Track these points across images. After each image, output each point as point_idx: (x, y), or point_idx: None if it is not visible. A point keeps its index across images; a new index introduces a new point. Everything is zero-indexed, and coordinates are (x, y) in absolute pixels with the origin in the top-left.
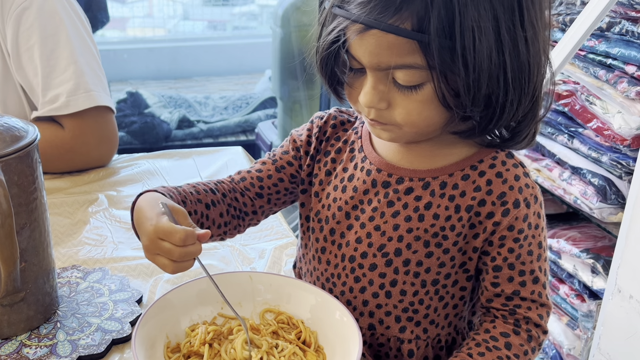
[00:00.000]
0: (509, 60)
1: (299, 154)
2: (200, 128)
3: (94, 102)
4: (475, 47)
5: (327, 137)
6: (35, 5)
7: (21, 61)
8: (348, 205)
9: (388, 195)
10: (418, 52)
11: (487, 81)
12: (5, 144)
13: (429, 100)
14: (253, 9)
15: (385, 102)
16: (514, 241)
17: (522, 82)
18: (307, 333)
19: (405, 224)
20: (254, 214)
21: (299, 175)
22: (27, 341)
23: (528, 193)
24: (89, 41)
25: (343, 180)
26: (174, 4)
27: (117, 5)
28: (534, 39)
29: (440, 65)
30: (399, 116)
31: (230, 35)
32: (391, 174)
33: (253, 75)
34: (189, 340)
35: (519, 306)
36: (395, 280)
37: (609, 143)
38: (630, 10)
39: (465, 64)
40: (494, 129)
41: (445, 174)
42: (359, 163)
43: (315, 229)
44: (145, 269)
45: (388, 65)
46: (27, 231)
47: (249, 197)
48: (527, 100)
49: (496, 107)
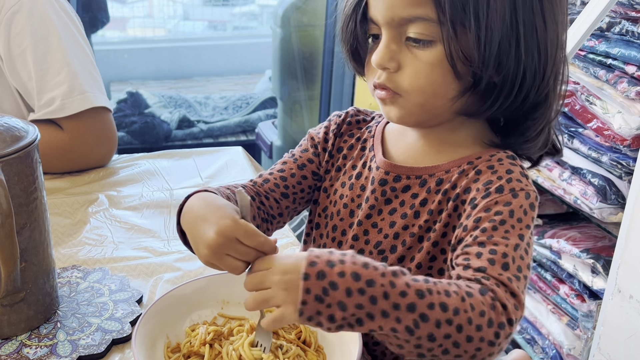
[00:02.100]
0: (522, 32)
1: (317, 151)
2: (201, 128)
3: (89, 103)
4: (490, 5)
5: (341, 133)
6: (25, 8)
7: (15, 65)
8: (354, 203)
9: (385, 193)
10: (429, 3)
11: (497, 44)
12: (5, 144)
13: (438, 62)
14: (253, 9)
15: (395, 62)
16: (489, 222)
17: (535, 61)
18: (307, 333)
19: (402, 221)
20: (280, 215)
21: (319, 172)
22: (27, 341)
23: (518, 186)
24: (82, 41)
25: (351, 177)
26: (174, 4)
27: (117, 5)
28: (553, 23)
29: (450, 16)
30: (407, 79)
31: (230, 35)
32: (388, 171)
33: (253, 76)
34: (189, 341)
35: (487, 278)
36: None
37: (609, 143)
38: (630, 10)
39: (477, 19)
40: (501, 110)
41: (442, 170)
42: (368, 162)
43: (321, 225)
44: (145, 269)
45: (401, 17)
46: (27, 231)
47: (275, 199)
48: (538, 85)
49: (505, 81)
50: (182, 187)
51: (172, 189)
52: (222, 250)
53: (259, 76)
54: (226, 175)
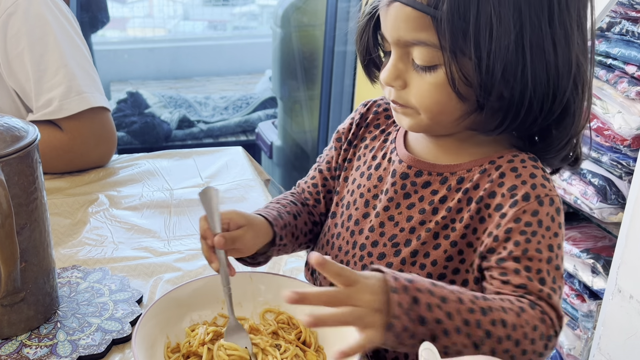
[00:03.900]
0: (529, 56)
1: (340, 144)
2: (201, 128)
3: (87, 104)
4: (493, 34)
5: (367, 123)
6: (21, 10)
7: (12, 67)
8: (370, 193)
9: (405, 187)
10: (432, 29)
11: (501, 72)
12: (5, 144)
13: (442, 84)
14: (253, 9)
15: (401, 81)
16: (521, 234)
17: (544, 83)
18: (308, 333)
19: (419, 216)
20: (323, 220)
21: (337, 163)
22: (27, 341)
23: (543, 192)
24: (79, 41)
25: (370, 167)
26: (174, 4)
27: (117, 5)
28: (565, 42)
29: (451, 45)
30: (413, 97)
31: (230, 35)
32: (411, 166)
33: (253, 75)
34: (188, 341)
35: (529, 293)
36: (401, 270)
37: (609, 143)
38: (630, 10)
39: (477, 48)
40: (512, 129)
41: (463, 169)
42: (388, 154)
43: (337, 213)
44: (146, 269)
45: (405, 40)
46: (27, 231)
47: (312, 207)
48: (551, 104)
49: (511, 103)
50: (182, 187)
51: (172, 189)
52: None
53: (259, 76)
54: (226, 175)
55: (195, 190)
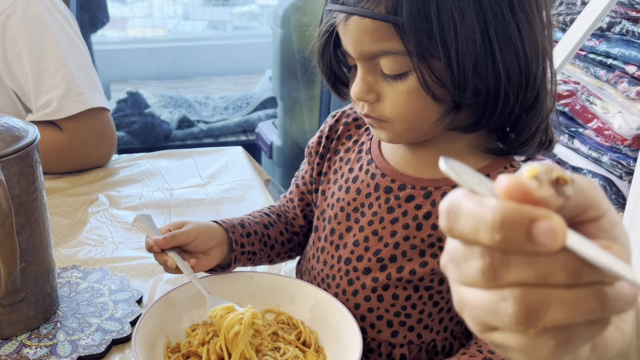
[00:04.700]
0: (497, 46)
1: (311, 158)
2: (201, 128)
3: (86, 105)
4: (457, 30)
5: (338, 135)
6: (20, 10)
7: (11, 68)
8: (350, 207)
9: (389, 200)
10: (395, 36)
11: (472, 67)
12: (5, 144)
13: (415, 90)
14: (253, 8)
15: (374, 94)
16: None
17: (516, 70)
18: (307, 334)
19: (403, 232)
20: (305, 230)
21: (312, 177)
22: (27, 341)
23: None
24: (78, 41)
25: (348, 180)
26: (174, 4)
27: (117, 5)
28: (528, 25)
29: (417, 49)
30: (387, 109)
31: (230, 35)
32: (394, 179)
33: (253, 75)
34: (189, 341)
35: None
36: (387, 285)
37: (609, 143)
38: (630, 10)
39: (445, 47)
40: (491, 122)
41: (448, 184)
42: (365, 165)
43: (319, 227)
44: (145, 269)
45: (370, 52)
46: (27, 231)
47: (291, 219)
48: (525, 91)
49: (488, 97)
50: (182, 187)
51: (172, 189)
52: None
53: (259, 76)
54: (226, 175)
55: (195, 190)
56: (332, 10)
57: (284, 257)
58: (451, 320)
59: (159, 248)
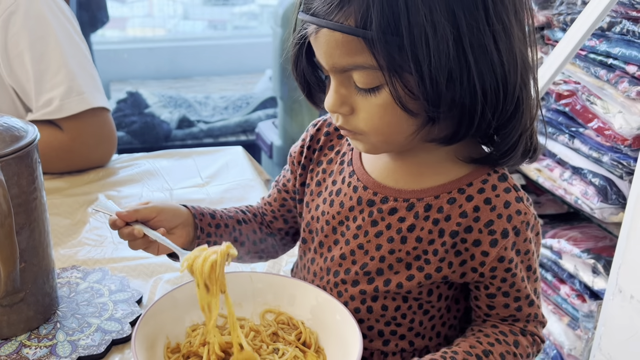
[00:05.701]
0: (472, 58)
1: (294, 167)
2: (201, 128)
3: (87, 104)
4: (430, 44)
5: (320, 146)
6: (22, 9)
7: (12, 66)
8: (335, 220)
9: (372, 214)
10: (365, 50)
11: (446, 81)
12: (5, 144)
13: (389, 104)
14: (253, 8)
15: (347, 107)
16: (506, 271)
17: (493, 82)
18: (307, 334)
19: (388, 245)
20: (283, 233)
21: (296, 187)
22: (27, 341)
23: (518, 221)
24: (79, 41)
25: (331, 193)
26: (174, 4)
27: (117, 5)
28: (505, 36)
29: (388, 63)
30: (362, 122)
31: (230, 35)
32: (376, 192)
33: (253, 75)
34: (189, 341)
35: (518, 320)
36: (376, 296)
37: (609, 143)
38: (631, 10)
39: (416, 61)
40: (469, 134)
41: (430, 195)
42: (347, 177)
43: (307, 239)
44: (145, 269)
45: (342, 66)
46: (27, 231)
47: (269, 221)
48: (503, 102)
49: (463, 110)
50: (182, 187)
51: (172, 189)
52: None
53: (259, 76)
54: (226, 175)
55: (195, 190)
56: (301, 20)
57: (253, 256)
58: (443, 325)
59: (123, 221)
